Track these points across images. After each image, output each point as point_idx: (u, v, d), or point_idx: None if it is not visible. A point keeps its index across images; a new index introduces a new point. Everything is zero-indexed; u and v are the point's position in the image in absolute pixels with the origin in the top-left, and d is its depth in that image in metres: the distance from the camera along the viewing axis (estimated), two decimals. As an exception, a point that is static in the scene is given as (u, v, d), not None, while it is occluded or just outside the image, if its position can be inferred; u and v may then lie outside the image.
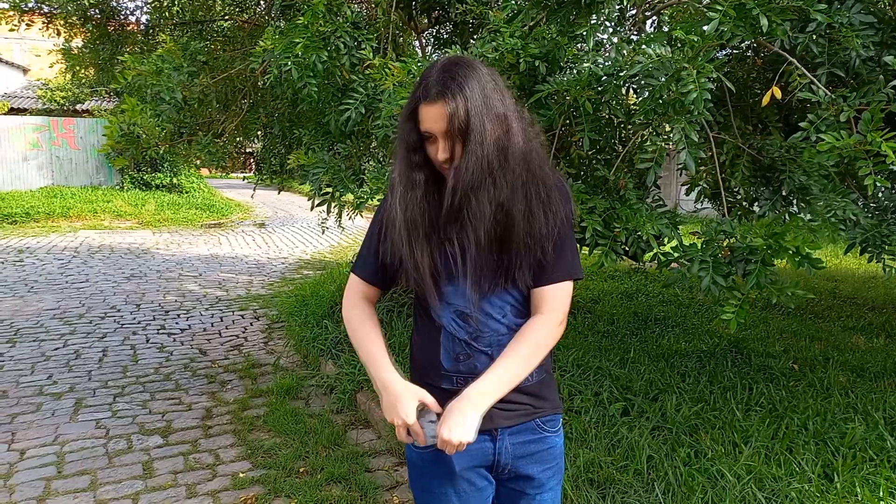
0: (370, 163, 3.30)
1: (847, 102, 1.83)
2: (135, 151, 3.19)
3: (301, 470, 3.13)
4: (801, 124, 1.90)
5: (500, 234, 1.33)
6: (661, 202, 2.43)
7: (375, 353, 1.41)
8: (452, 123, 1.26)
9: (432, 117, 1.28)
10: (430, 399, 1.34)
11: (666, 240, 2.37)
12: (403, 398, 1.32)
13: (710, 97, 1.72)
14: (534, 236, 1.34)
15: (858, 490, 2.46)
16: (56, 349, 4.99)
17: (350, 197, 3.03)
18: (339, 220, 3.21)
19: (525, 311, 1.41)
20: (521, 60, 2.30)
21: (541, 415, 1.45)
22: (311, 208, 3.25)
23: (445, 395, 1.36)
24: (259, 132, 4.71)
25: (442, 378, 1.41)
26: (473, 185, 1.28)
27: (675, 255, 2.11)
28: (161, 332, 5.59)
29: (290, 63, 2.55)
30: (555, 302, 1.40)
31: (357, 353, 1.46)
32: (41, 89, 19.18)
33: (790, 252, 1.82)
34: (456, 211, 1.31)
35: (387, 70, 2.42)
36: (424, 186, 1.34)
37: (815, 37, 1.92)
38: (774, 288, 1.87)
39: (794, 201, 2.38)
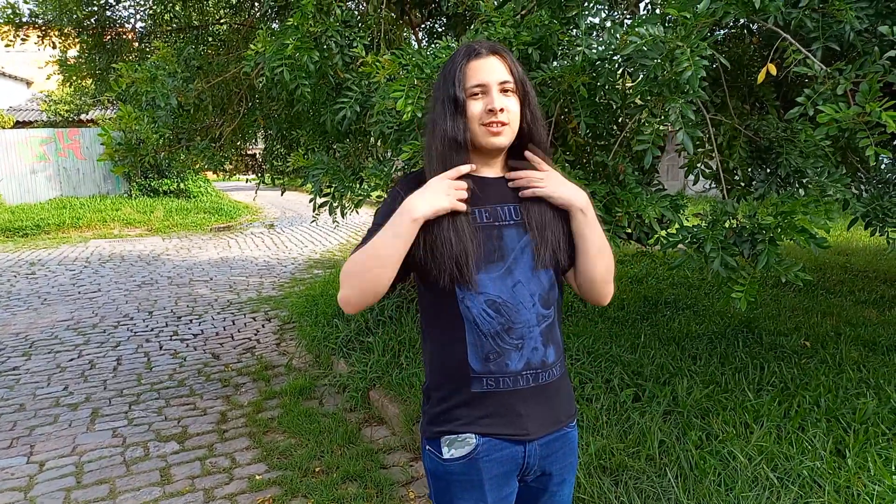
0: (369, 160, 3.29)
1: (843, 75, 1.80)
2: (134, 159, 3.20)
3: (317, 469, 3.15)
4: (798, 99, 1.88)
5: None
6: (660, 186, 2.41)
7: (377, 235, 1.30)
8: (514, 73, 1.32)
9: (487, 68, 1.31)
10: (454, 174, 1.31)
11: (668, 222, 2.35)
12: (431, 182, 1.30)
13: (705, 75, 1.70)
14: (564, 215, 1.40)
15: (871, 465, 2.44)
16: (71, 360, 5.05)
17: (351, 195, 3.03)
18: (333, 216, 3.21)
19: (549, 300, 1.39)
20: (513, 48, 2.28)
21: (564, 413, 1.45)
22: (314, 209, 3.25)
23: (476, 399, 1.34)
24: (258, 134, 4.72)
25: (472, 381, 1.34)
26: (544, 143, 1.37)
27: (679, 237, 2.10)
28: (174, 338, 5.63)
29: (281, 65, 2.55)
30: None
31: (374, 257, 1.28)
32: (45, 101, 19.29)
33: (798, 231, 1.80)
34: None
35: (377, 64, 2.40)
36: (465, 151, 1.32)
37: (808, 11, 1.89)
38: (781, 267, 1.85)
39: (792, 182, 2.35)
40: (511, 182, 1.38)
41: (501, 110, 1.29)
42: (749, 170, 2.48)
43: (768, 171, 2.33)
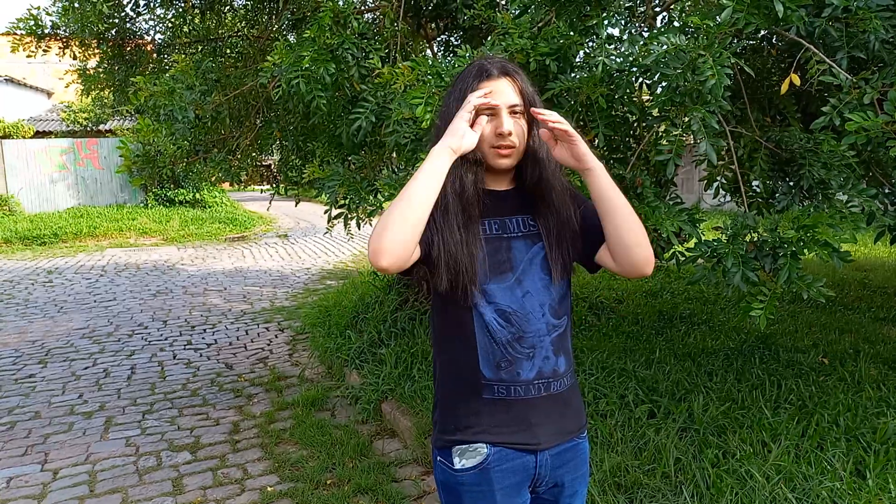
0: (384, 172, 3.29)
1: (870, 84, 1.78)
2: (152, 171, 3.23)
3: (328, 482, 3.13)
4: (824, 109, 1.85)
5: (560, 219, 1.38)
6: (678, 199, 2.38)
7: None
8: (524, 95, 1.31)
9: (497, 91, 1.30)
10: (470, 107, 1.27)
11: (686, 236, 2.32)
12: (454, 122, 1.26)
13: (728, 83, 1.68)
14: (570, 225, 1.39)
15: (892, 487, 2.38)
16: (86, 368, 5.07)
17: (365, 207, 3.03)
18: (347, 227, 3.23)
19: (560, 311, 1.39)
20: (531, 60, 2.28)
21: (575, 423, 1.44)
22: (328, 220, 3.26)
23: (487, 407, 1.34)
24: (274, 146, 4.74)
25: (483, 388, 1.34)
26: (551, 160, 1.35)
27: (698, 252, 2.07)
28: (188, 347, 5.65)
29: (298, 77, 2.56)
30: None
31: (413, 191, 1.22)
32: (65, 111, 19.59)
33: (820, 245, 1.77)
34: (536, 178, 1.36)
35: (396, 72, 2.41)
36: (478, 167, 1.34)
37: (831, 21, 1.87)
38: (803, 283, 1.82)
39: (815, 194, 2.31)
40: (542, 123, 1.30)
41: (510, 134, 1.30)
42: (771, 182, 2.44)
43: (790, 183, 2.30)
